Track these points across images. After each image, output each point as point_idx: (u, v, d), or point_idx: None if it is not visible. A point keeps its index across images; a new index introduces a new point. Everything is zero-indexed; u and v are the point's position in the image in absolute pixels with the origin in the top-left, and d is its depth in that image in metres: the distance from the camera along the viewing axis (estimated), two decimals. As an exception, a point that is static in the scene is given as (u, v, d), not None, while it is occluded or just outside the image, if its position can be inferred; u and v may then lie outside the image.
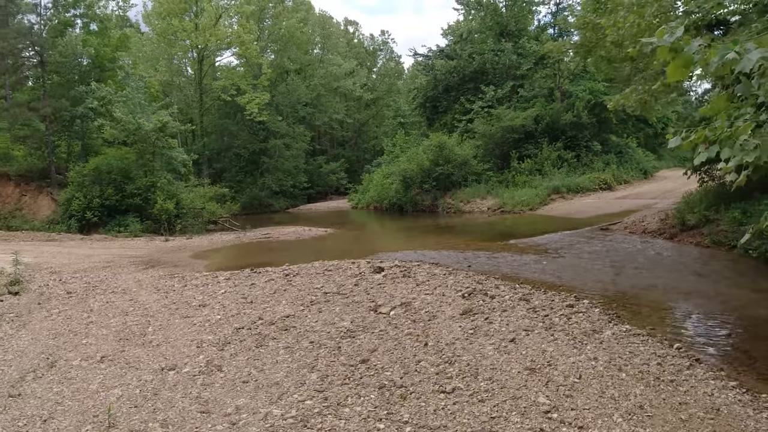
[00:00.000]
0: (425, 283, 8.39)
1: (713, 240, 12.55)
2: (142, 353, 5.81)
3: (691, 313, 7.63)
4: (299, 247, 16.49)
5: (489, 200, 25.97)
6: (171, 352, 5.77)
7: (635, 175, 31.54)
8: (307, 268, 10.23)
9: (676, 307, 7.93)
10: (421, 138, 34.35)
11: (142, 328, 6.86)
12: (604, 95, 31.82)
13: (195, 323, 6.85)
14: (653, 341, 6.09)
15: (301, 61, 46.27)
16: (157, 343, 6.15)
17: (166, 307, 7.88)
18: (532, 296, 7.90)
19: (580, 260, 11.68)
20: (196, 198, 24.86)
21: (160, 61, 40.02)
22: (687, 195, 17.43)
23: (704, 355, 5.82)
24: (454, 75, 34.26)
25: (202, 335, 6.28)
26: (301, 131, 42.83)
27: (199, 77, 40.51)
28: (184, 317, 7.21)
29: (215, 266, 13.13)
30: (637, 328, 6.59)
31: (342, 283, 8.60)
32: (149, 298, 8.67)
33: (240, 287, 8.81)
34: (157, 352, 5.80)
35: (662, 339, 6.25)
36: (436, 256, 12.73)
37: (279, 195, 41.22)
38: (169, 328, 6.76)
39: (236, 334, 6.16)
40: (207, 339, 6.06)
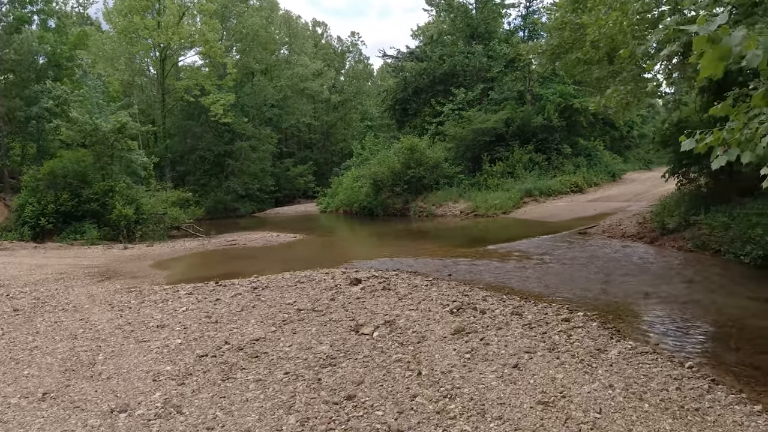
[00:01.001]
0: (408, 296, 7.71)
1: (696, 244, 12.24)
2: (90, 389, 4.97)
3: (692, 326, 7.14)
4: (267, 255, 15.63)
5: (461, 203, 25.50)
6: (123, 387, 4.95)
7: (604, 178, 31.58)
8: (277, 280, 9.43)
9: (675, 319, 7.44)
10: (391, 141, 33.77)
11: (91, 355, 6.00)
12: (574, 98, 31.95)
13: (152, 349, 6.02)
14: (662, 360, 5.57)
15: (267, 61, 45.18)
16: (108, 375, 5.31)
17: (120, 329, 7.00)
18: (524, 309, 7.31)
19: (564, 267, 11.20)
20: (158, 203, 23.69)
21: (120, 59, 38.43)
22: (663, 198, 17.28)
23: (719, 374, 5.34)
24: (424, 77, 33.80)
25: (159, 365, 5.46)
26: (268, 133, 41.71)
27: (161, 77, 39.08)
28: (139, 341, 6.36)
29: (177, 277, 12.21)
30: (642, 345, 6.07)
31: (316, 297, 7.85)
32: (102, 317, 7.76)
33: (203, 303, 7.97)
34: (107, 388, 4.96)
35: (671, 357, 5.74)
36: (413, 263, 12.09)
37: (245, 199, 40.04)
38: (123, 355, 5.91)
39: (199, 363, 5.36)
40: (165, 370, 5.25)
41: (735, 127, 4.36)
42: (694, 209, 13.61)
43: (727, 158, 4.31)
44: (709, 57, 3.68)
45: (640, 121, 54.84)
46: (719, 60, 3.69)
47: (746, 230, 10.23)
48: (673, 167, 15.53)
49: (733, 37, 3.55)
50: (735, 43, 3.56)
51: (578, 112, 32.14)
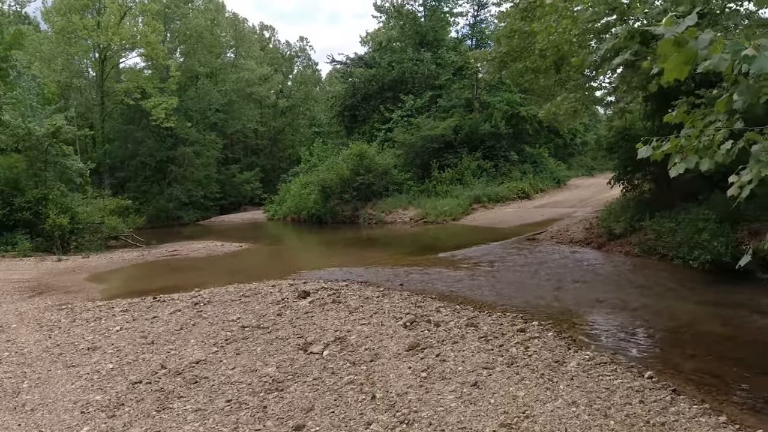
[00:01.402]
0: (359, 309, 7.36)
1: (643, 249, 12.40)
2: (13, 422, 4.41)
3: (647, 333, 7.11)
4: (211, 266, 14.95)
5: (411, 210, 25.36)
6: (48, 420, 4.40)
7: (550, 184, 32.16)
8: (220, 294, 8.90)
9: (629, 326, 7.39)
10: (340, 147, 33.39)
11: (16, 382, 5.39)
12: (521, 106, 32.49)
13: (81, 375, 5.45)
14: (622, 370, 5.45)
15: (212, 64, 43.96)
16: (32, 406, 4.74)
17: (48, 352, 6.37)
18: (479, 320, 7.09)
19: (516, 274, 11.11)
20: (95, 211, 22.46)
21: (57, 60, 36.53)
22: (608, 204, 17.59)
23: (679, 384, 5.26)
24: (373, 83, 33.63)
25: (88, 393, 4.92)
26: (213, 138, 40.48)
27: (100, 79, 37.39)
28: (68, 366, 5.77)
29: (113, 292, 11.45)
30: (599, 355, 5.94)
31: (262, 312, 7.39)
32: (30, 338, 7.07)
33: (139, 321, 7.38)
34: (31, 421, 4.41)
35: (629, 366, 5.64)
36: (364, 273, 11.75)
37: (189, 206, 38.68)
38: (49, 382, 5.32)
39: (132, 391, 4.85)
40: (95, 400, 4.71)
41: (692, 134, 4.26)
42: (639, 215, 13.84)
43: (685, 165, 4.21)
44: (674, 60, 3.53)
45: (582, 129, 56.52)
46: (684, 64, 3.54)
47: (693, 235, 10.39)
48: (618, 174, 15.82)
49: (700, 40, 3.40)
50: (701, 46, 3.42)
51: (524, 120, 32.69)
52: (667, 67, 3.57)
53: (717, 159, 4.09)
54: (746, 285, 9.25)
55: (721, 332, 7.13)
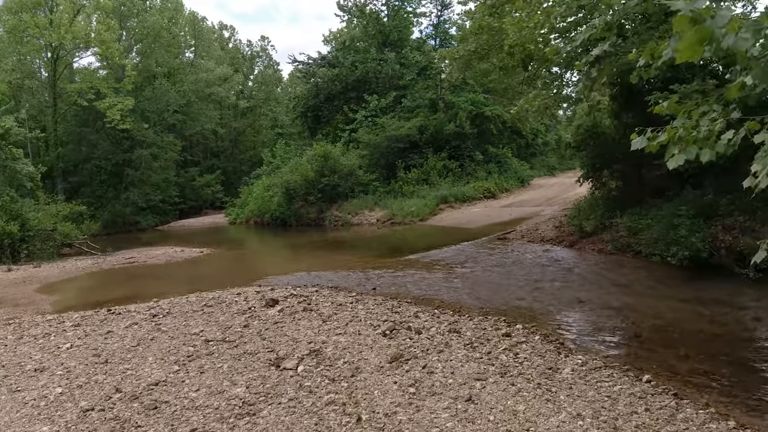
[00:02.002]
0: (333, 317, 6.85)
1: (616, 246, 12.27)
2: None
3: (634, 333, 6.85)
4: (170, 274, 14.15)
5: (378, 211, 24.91)
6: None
7: (514, 184, 32.22)
8: (180, 305, 8.24)
9: (615, 327, 7.12)
10: (303, 148, 32.70)
11: (-52, 412, 4.70)
12: (485, 106, 32.45)
13: (27, 401, 4.79)
14: (618, 375, 5.17)
15: (170, 64, 42.52)
16: (-37, 440, 4.09)
17: (-13, 374, 5.66)
18: (461, 325, 6.69)
19: (491, 275, 10.79)
20: (47, 218, 21.22)
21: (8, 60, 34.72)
22: (577, 202, 17.53)
23: (678, 387, 5.02)
24: (337, 83, 33.06)
25: (34, 424, 4.29)
26: (171, 140, 39.07)
27: (52, 79, 35.65)
28: (13, 391, 5.09)
29: (65, 304, 10.62)
30: (591, 358, 5.65)
31: (227, 324, 6.80)
32: (-33, 358, 6.32)
33: (92, 337, 6.69)
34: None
35: (625, 370, 5.36)
36: (333, 278, 11.23)
37: (147, 211, 37.23)
38: (-14, 410, 4.65)
39: (83, 421, 4.23)
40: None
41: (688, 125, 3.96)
42: (609, 212, 13.75)
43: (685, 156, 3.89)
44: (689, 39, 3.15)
45: (544, 129, 57.22)
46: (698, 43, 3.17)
47: (668, 231, 10.26)
48: (586, 171, 15.74)
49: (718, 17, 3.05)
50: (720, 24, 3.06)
51: (489, 120, 32.67)
52: (679, 48, 3.19)
53: (718, 149, 3.80)
54: (725, 281, 9.14)
55: (708, 330, 6.93)
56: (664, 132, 4.04)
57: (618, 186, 14.57)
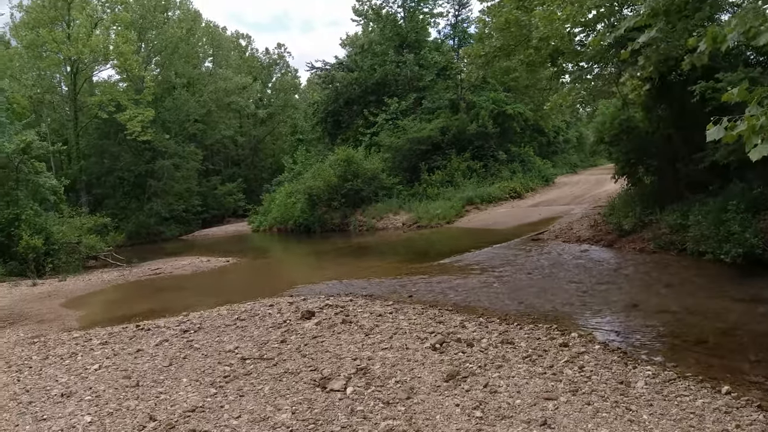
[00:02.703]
0: (375, 330, 6.42)
1: (658, 245, 11.67)
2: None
3: (699, 338, 6.30)
4: (198, 285, 13.87)
5: (403, 215, 24.46)
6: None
7: (538, 183, 31.57)
8: (211, 318, 7.88)
9: (676, 332, 6.57)
10: (324, 154, 32.39)
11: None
12: (507, 105, 31.84)
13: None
14: (695, 387, 4.68)
15: (189, 75, 42.63)
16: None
17: (16, 400, 5.34)
18: (512, 335, 6.22)
19: (531, 278, 10.27)
20: (71, 230, 21.16)
21: (28, 75, 35.08)
22: (609, 199, 16.92)
23: (762, 398, 4.50)
24: (356, 87, 32.70)
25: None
26: (192, 150, 39.05)
27: (73, 93, 35.90)
28: (38, 420, 4.75)
29: (91, 318, 10.36)
30: (661, 369, 5.12)
31: (263, 339, 6.41)
32: (-7, 381, 6.02)
33: (121, 357, 6.35)
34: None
35: (700, 381, 4.83)
36: (366, 286, 10.81)
37: (170, 221, 37.26)
38: (9, 443, 4.31)
39: (112, 454, 3.86)
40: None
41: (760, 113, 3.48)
42: (647, 209, 13.17)
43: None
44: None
45: (565, 126, 56.28)
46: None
47: (718, 228, 9.64)
48: (621, 167, 15.14)
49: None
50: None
51: (511, 118, 32.06)
52: None
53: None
54: (783, 279, 8.53)
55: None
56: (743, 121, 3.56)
57: (653, 181, 13.95)
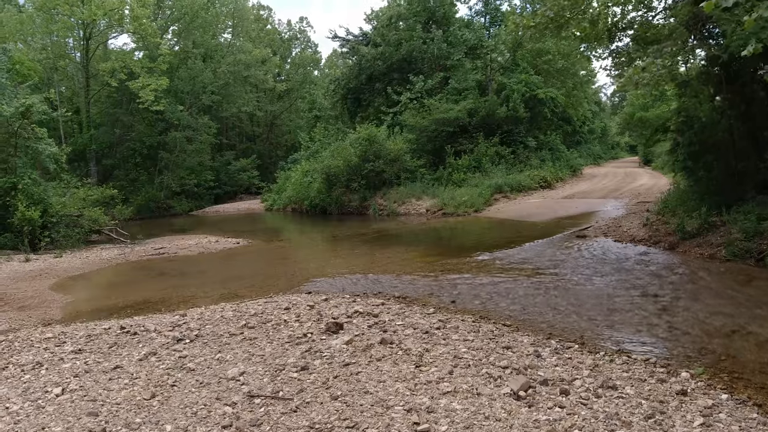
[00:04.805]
0: (426, 357, 4.85)
1: (733, 252, 9.99)
2: None
3: None
4: (202, 270, 12.38)
5: (426, 201, 22.85)
6: None
7: (567, 173, 29.94)
8: (213, 322, 6.36)
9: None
10: (344, 132, 30.72)
11: None
12: (538, 88, 30.00)
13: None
14: None
15: (207, 45, 40.96)
16: None
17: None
18: (606, 373, 4.66)
19: (594, 286, 8.63)
20: (74, 202, 19.78)
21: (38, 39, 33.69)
22: (661, 195, 15.32)
23: None
24: (380, 62, 30.90)
25: None
26: (206, 122, 37.49)
27: (85, 59, 34.48)
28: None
29: (77, 308, 8.94)
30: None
31: (278, 363, 4.86)
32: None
33: (94, 376, 4.84)
34: None
35: None
36: (397, 284, 9.25)
37: (181, 196, 35.98)
38: None
39: None
40: None
41: None
42: (712, 209, 11.53)
43: None
44: None
45: (591, 116, 54.29)
46: None
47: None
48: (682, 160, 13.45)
49: None
50: None
51: (542, 103, 30.25)
52: None
53: None
54: None
55: None
56: None
57: (716, 179, 12.26)
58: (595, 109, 58.59)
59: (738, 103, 12.13)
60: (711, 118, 12.93)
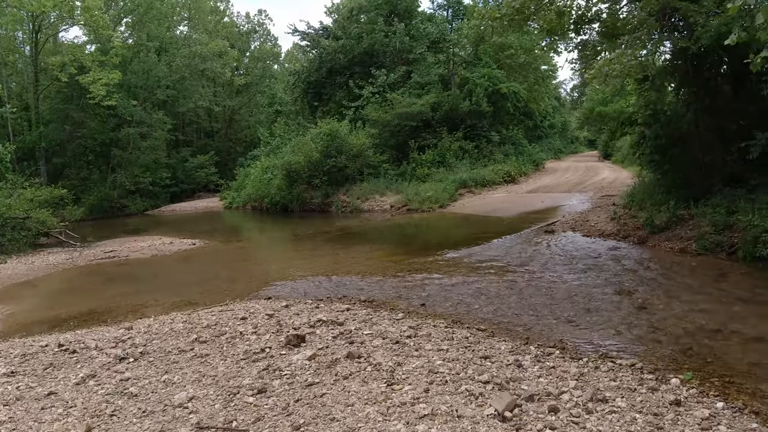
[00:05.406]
0: (399, 373, 4.37)
1: (704, 246, 9.88)
2: None
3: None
4: (155, 275, 11.61)
5: (390, 197, 22.38)
6: None
7: (530, 167, 29.96)
8: (161, 336, 5.74)
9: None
10: (305, 127, 29.94)
11: None
12: (501, 83, 29.90)
13: None
14: None
15: (162, 38, 39.39)
16: None
17: None
18: (593, 382, 4.29)
19: (567, 283, 8.30)
20: (21, 203, 18.55)
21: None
22: (627, 189, 15.27)
23: None
24: (341, 55, 30.21)
25: None
26: (160, 118, 36.01)
27: (34, 53, 32.71)
28: None
29: (17, 320, 8.15)
30: None
31: (232, 384, 4.30)
32: None
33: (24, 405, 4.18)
34: None
35: None
36: (363, 285, 8.77)
37: (135, 195, 34.46)
38: None
39: None
40: None
41: None
42: (680, 202, 11.48)
43: None
44: None
45: (551, 111, 54.94)
46: None
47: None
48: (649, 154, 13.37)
49: None
50: None
51: (505, 98, 30.18)
52: None
53: None
54: None
55: None
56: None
57: (680, 171, 12.22)
58: (555, 104, 59.31)
59: (703, 97, 12.10)
60: (676, 112, 12.89)
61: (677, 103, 13.26)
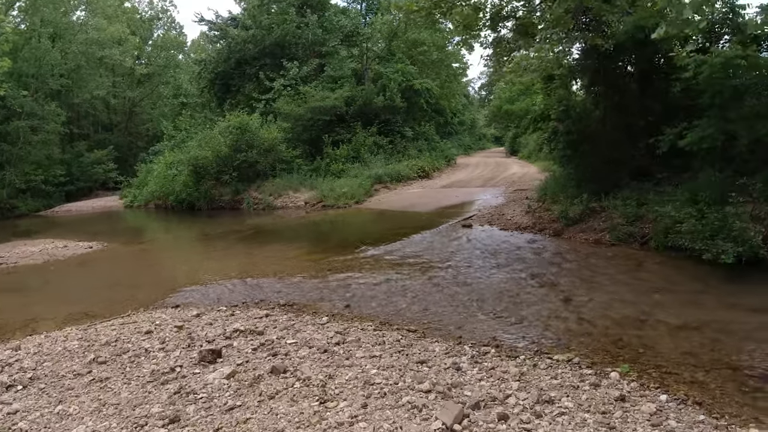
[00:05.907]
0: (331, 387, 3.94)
1: (617, 237, 10.21)
2: None
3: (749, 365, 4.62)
4: (49, 283, 10.38)
5: (305, 193, 21.77)
6: None
7: (442, 163, 30.34)
8: (54, 356, 4.95)
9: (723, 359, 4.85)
10: (212, 120, 28.55)
11: None
12: (414, 79, 30.06)
13: None
14: None
15: (57, 23, 36.07)
16: None
17: None
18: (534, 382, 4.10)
19: (492, 279, 8.19)
20: None
21: None
22: (540, 183, 15.64)
23: None
24: (251, 46, 29.06)
25: None
26: (53, 110, 33.09)
27: None
28: None
29: None
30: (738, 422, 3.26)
31: (139, 415, 3.66)
32: None
33: None
34: None
35: None
36: (281, 288, 8.23)
37: (26, 194, 31.40)
38: None
39: None
40: None
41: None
42: (592, 195, 11.84)
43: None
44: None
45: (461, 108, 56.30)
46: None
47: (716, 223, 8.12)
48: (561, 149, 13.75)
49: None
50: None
51: (418, 94, 30.36)
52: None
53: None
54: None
55: None
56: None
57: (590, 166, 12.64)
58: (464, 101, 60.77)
59: (612, 95, 12.54)
60: (586, 108, 13.30)
61: (587, 100, 13.70)
